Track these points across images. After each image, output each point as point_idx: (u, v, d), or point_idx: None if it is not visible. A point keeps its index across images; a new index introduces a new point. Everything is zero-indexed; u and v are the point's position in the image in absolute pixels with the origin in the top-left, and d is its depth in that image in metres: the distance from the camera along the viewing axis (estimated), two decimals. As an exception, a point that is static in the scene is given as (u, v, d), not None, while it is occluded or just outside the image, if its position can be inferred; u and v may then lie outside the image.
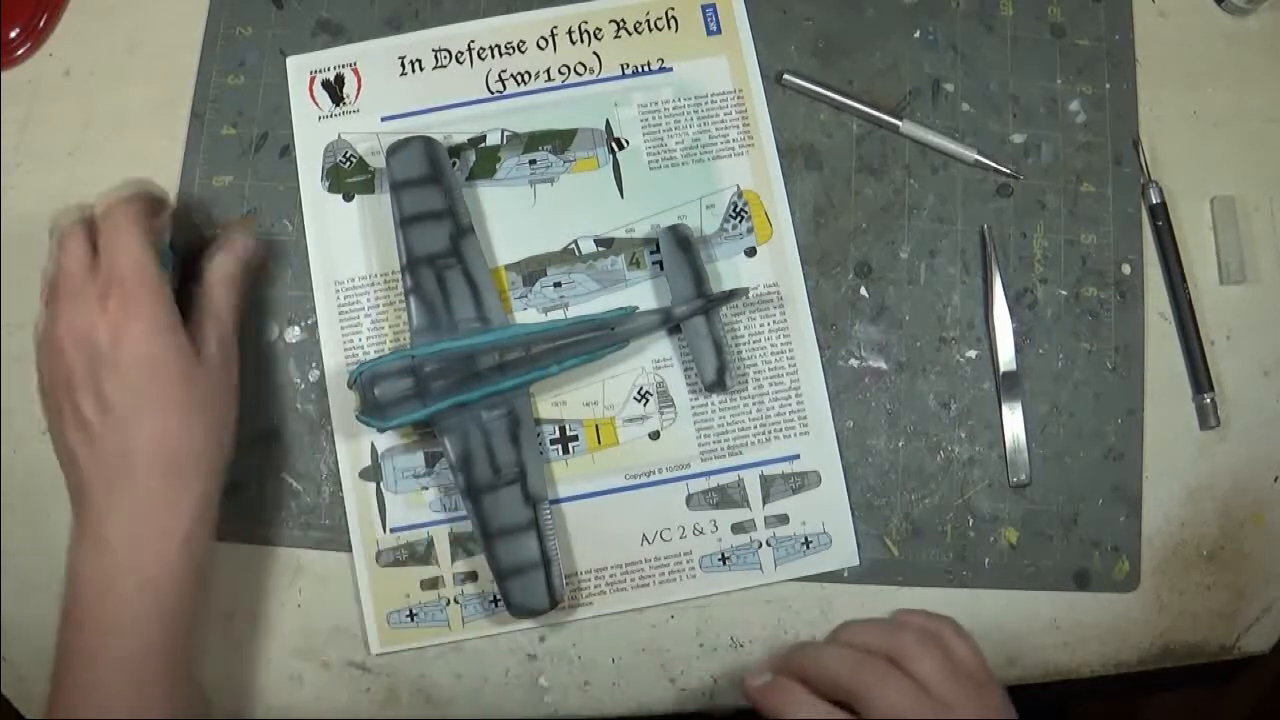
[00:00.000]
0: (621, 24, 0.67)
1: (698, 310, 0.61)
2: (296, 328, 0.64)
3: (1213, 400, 0.64)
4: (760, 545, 0.62)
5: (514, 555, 0.59)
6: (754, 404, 0.63)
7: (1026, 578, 0.63)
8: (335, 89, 0.66)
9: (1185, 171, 0.67)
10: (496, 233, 0.65)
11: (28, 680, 0.62)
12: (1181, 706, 0.70)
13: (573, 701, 0.62)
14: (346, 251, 0.64)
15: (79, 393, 0.53)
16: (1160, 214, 0.66)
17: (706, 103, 0.66)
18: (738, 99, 0.66)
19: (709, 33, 0.67)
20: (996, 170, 0.66)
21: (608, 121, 0.66)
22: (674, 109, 0.66)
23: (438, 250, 0.61)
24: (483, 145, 0.65)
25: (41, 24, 0.67)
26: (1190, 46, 0.68)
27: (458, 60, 0.67)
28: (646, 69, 0.67)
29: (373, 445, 0.63)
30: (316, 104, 0.66)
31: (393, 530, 0.62)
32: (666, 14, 0.67)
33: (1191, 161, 0.67)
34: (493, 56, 0.67)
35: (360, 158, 0.65)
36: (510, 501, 0.59)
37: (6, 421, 0.63)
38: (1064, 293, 0.65)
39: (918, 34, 0.68)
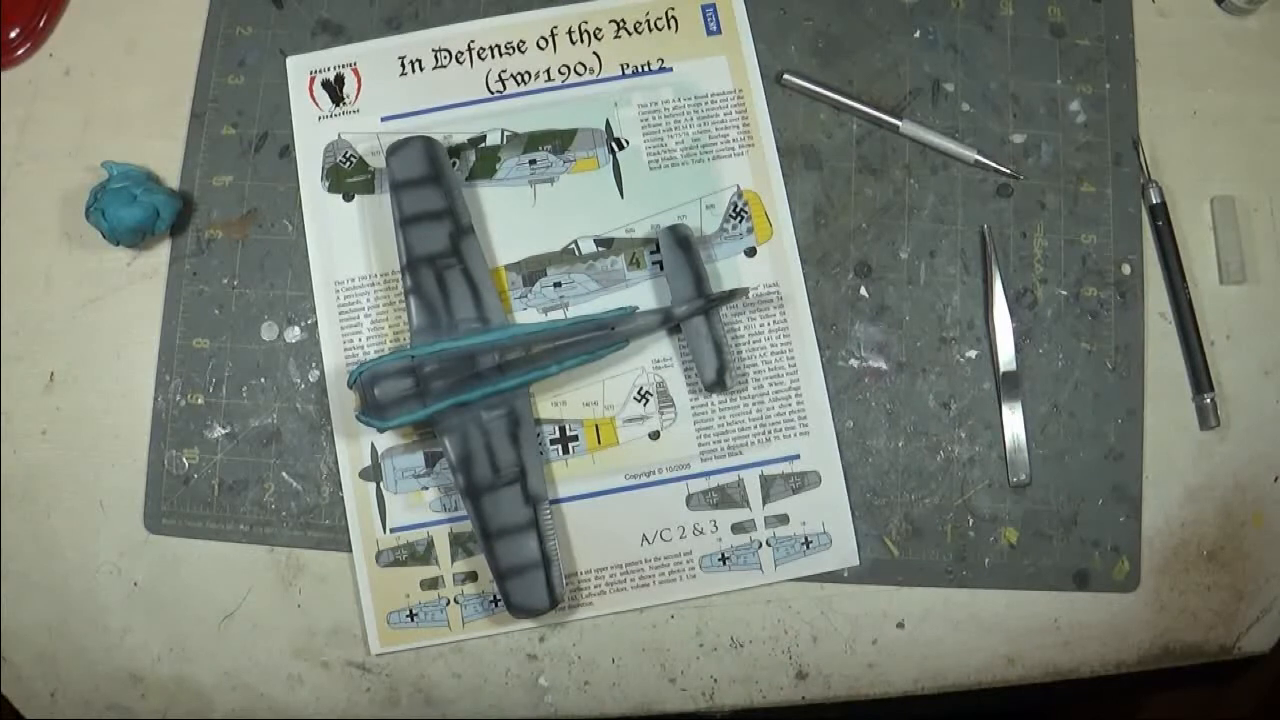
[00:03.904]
0: (621, 24, 0.67)
1: (698, 310, 0.61)
2: (296, 328, 0.64)
3: (1213, 400, 0.64)
4: (760, 545, 0.62)
5: (514, 555, 0.59)
6: (754, 404, 0.63)
7: (1026, 578, 0.63)
8: (335, 89, 0.66)
9: (1185, 171, 0.67)
10: (496, 233, 0.65)
11: (28, 680, 0.62)
12: (1181, 706, 0.70)
13: (573, 701, 0.62)
14: (346, 251, 0.64)
15: None
16: (1160, 214, 0.66)
17: (706, 103, 0.66)
18: (738, 99, 0.66)
19: (709, 33, 0.67)
20: (996, 170, 0.66)
21: (608, 121, 0.66)
22: (674, 109, 0.66)
23: (438, 250, 0.61)
24: (483, 145, 0.65)
25: (41, 24, 0.67)
26: (1190, 46, 0.68)
27: (458, 60, 0.67)
28: (646, 69, 0.67)
29: (373, 445, 0.63)
30: (316, 104, 0.66)
31: (393, 530, 0.62)
32: (666, 14, 0.67)
33: (1191, 161, 0.67)
34: (493, 56, 0.67)
35: (360, 158, 0.65)
36: (510, 501, 0.59)
37: (6, 421, 0.63)
38: (1064, 293, 0.65)
39: (918, 34, 0.68)
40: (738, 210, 0.65)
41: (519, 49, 0.67)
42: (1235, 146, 0.67)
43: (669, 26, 0.67)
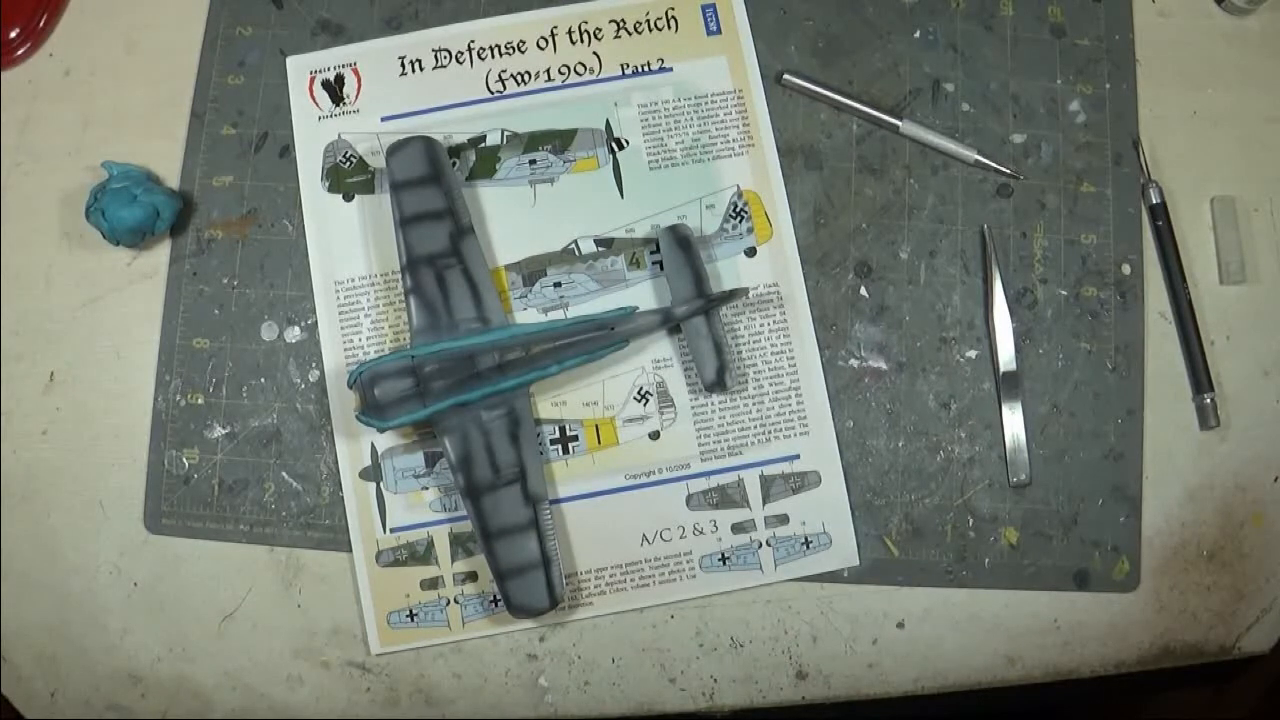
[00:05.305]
0: (621, 24, 0.67)
1: (698, 310, 0.61)
2: (296, 328, 0.64)
3: (1213, 400, 0.64)
4: (760, 545, 0.62)
5: (514, 555, 0.59)
6: (754, 404, 0.63)
7: (1026, 578, 0.63)
8: (335, 89, 0.66)
9: (1185, 171, 0.67)
10: (496, 233, 0.65)
11: (28, 680, 0.62)
12: (1181, 706, 0.70)
13: (573, 701, 0.62)
14: (346, 251, 0.64)
15: None
16: (1160, 214, 0.66)
17: (706, 103, 0.66)
18: (738, 99, 0.66)
19: (709, 33, 0.67)
20: (996, 170, 0.66)
21: (608, 121, 0.66)
22: (674, 109, 0.66)
23: (438, 250, 0.61)
24: (483, 145, 0.65)
25: (41, 24, 0.67)
26: (1190, 46, 0.68)
27: (458, 60, 0.67)
28: (646, 69, 0.67)
29: (373, 445, 0.63)
30: (316, 104, 0.66)
31: (393, 530, 0.62)
32: (666, 14, 0.67)
33: (1191, 161, 0.67)
34: (493, 56, 0.67)
35: (360, 158, 0.65)
36: (510, 501, 0.59)
37: (6, 421, 0.63)
38: (1064, 293, 0.65)
39: (918, 34, 0.68)
40: (738, 210, 0.65)
41: (519, 49, 0.67)
42: (1235, 146, 0.67)
43: (669, 26, 0.67)
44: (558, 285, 0.64)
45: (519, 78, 0.66)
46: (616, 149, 0.66)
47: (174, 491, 0.63)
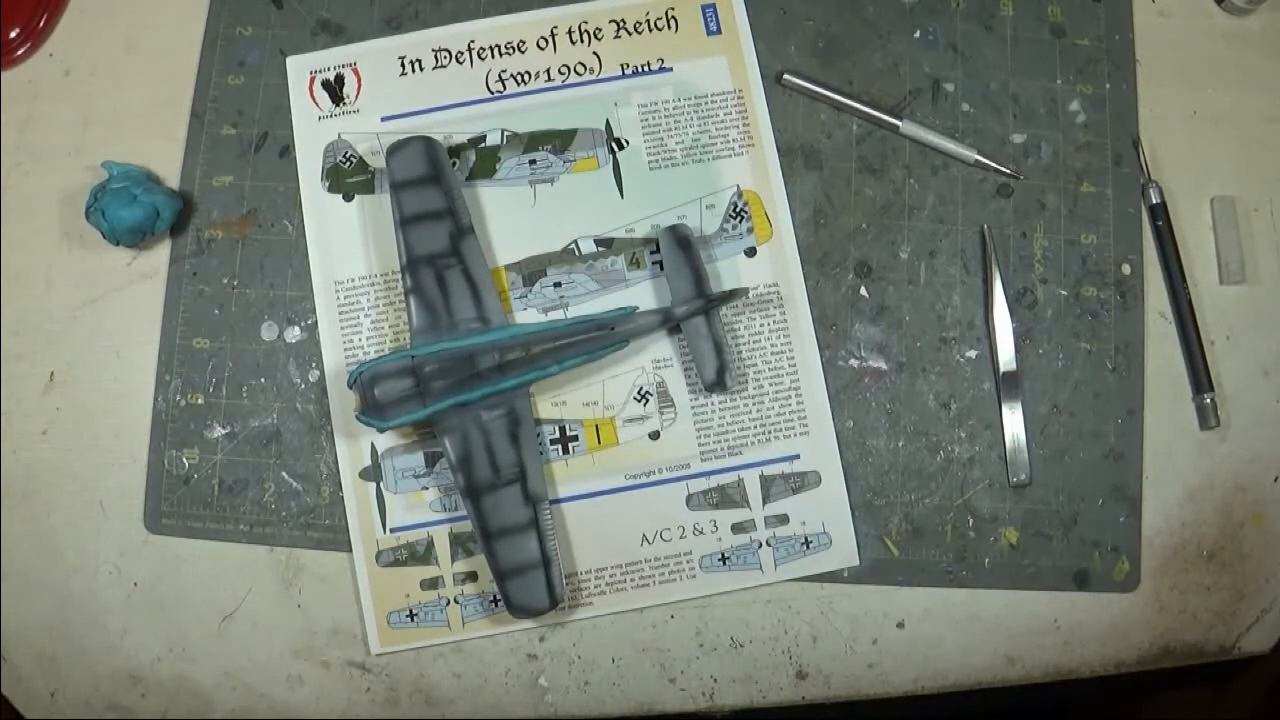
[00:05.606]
0: (621, 24, 0.67)
1: (698, 310, 0.61)
2: (296, 328, 0.64)
3: (1213, 400, 0.64)
4: (760, 545, 0.62)
5: (514, 555, 0.59)
6: (754, 404, 0.63)
7: (1026, 578, 0.63)
8: (335, 89, 0.66)
9: (1185, 171, 0.67)
10: (496, 233, 0.65)
11: (28, 680, 0.62)
12: (1181, 706, 0.70)
13: (573, 701, 0.62)
14: (346, 251, 0.64)
15: None
16: (1160, 214, 0.66)
17: (706, 103, 0.66)
18: (738, 99, 0.66)
19: (709, 33, 0.67)
20: (996, 170, 0.66)
21: (608, 121, 0.66)
22: (674, 109, 0.66)
23: (438, 250, 0.61)
24: (483, 145, 0.65)
25: (41, 24, 0.67)
26: (1190, 46, 0.68)
27: (458, 60, 0.67)
28: (646, 69, 0.67)
29: (373, 445, 0.63)
30: (316, 104, 0.66)
31: (393, 530, 0.62)
32: (666, 14, 0.67)
33: (1191, 161, 0.67)
34: (493, 56, 0.67)
35: (360, 158, 0.65)
36: (510, 501, 0.59)
37: (6, 421, 0.63)
38: (1064, 293, 0.65)
39: (918, 34, 0.68)
40: (738, 210, 0.65)
41: (519, 49, 0.67)
42: (1235, 146, 0.67)
43: (669, 26, 0.67)
44: (558, 285, 0.64)
45: (519, 78, 0.66)
46: (616, 149, 0.66)
47: (174, 491, 0.63)
